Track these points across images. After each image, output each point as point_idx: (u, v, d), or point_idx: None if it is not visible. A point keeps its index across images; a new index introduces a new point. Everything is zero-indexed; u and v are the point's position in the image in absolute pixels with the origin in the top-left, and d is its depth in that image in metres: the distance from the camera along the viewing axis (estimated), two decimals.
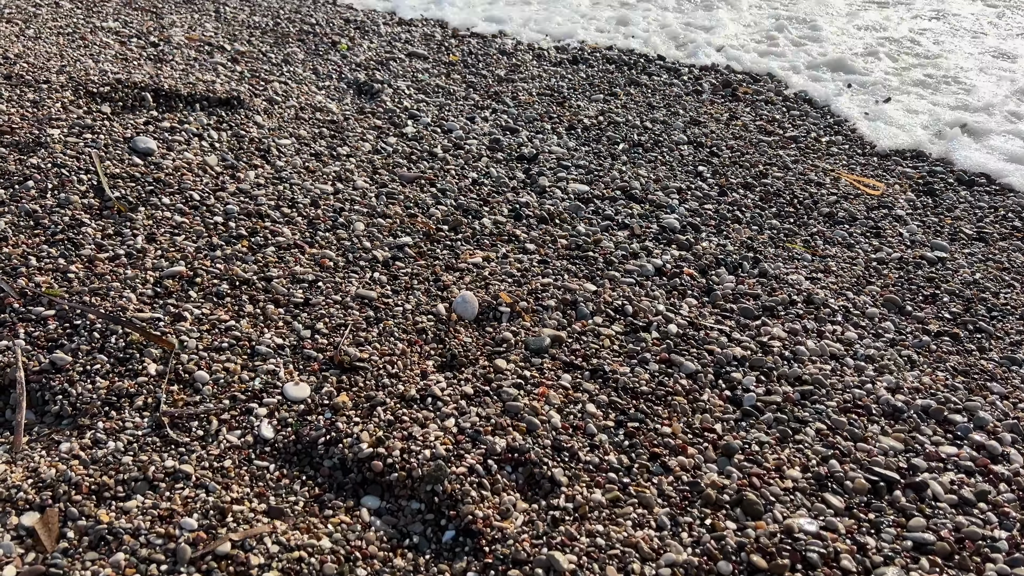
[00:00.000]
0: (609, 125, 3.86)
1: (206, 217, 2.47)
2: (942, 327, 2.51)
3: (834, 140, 3.95)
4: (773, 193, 3.30)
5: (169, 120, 3.04)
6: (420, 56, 4.61)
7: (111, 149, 2.73)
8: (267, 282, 2.23)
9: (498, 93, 4.15)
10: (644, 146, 3.66)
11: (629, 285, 2.50)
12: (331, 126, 3.38)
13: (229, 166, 2.81)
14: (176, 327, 1.99)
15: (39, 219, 2.32)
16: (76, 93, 3.11)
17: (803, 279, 2.69)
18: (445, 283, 2.36)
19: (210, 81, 3.54)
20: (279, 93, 3.61)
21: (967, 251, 3.04)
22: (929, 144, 3.92)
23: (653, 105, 4.19)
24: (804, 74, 4.83)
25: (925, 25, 5.94)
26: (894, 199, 3.37)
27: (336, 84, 3.95)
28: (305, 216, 2.60)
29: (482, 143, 3.48)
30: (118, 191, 2.51)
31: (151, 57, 3.82)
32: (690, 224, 2.96)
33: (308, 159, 3.02)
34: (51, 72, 3.25)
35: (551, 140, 3.62)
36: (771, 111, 4.26)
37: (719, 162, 3.56)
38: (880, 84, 4.68)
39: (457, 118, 3.73)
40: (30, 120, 2.83)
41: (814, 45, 5.35)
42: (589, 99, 4.21)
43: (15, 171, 2.51)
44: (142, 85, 3.25)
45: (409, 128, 3.51)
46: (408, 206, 2.80)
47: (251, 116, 3.25)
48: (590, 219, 2.93)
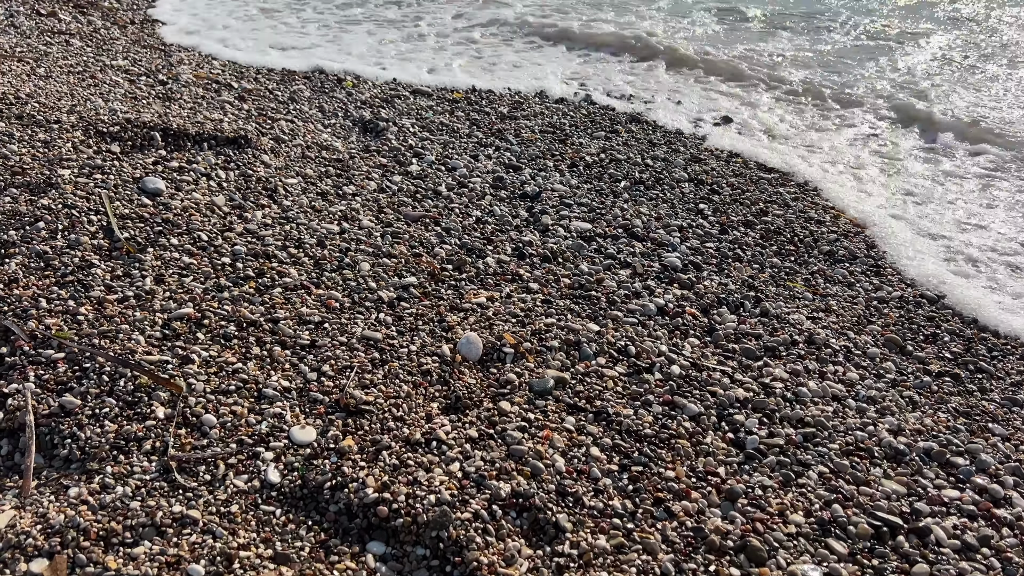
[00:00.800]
0: (611, 162, 3.91)
1: (214, 258, 2.50)
2: (943, 367, 2.53)
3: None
4: (774, 231, 3.34)
5: (177, 160, 3.09)
6: (424, 93, 4.67)
7: (120, 190, 2.77)
8: (274, 324, 2.25)
9: (501, 130, 4.20)
10: (645, 183, 3.70)
11: (632, 325, 2.53)
12: (337, 164, 3.43)
13: (236, 206, 2.85)
14: (184, 370, 2.01)
15: (49, 260, 2.35)
16: (86, 133, 3.16)
17: (804, 319, 2.71)
18: (450, 324, 2.39)
19: (218, 120, 3.60)
20: (285, 131, 3.66)
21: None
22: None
23: (654, 142, 4.24)
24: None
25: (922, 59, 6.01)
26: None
27: (342, 122, 4.01)
28: (312, 256, 2.63)
29: (486, 181, 3.52)
30: (127, 232, 2.54)
31: (160, 95, 3.88)
32: (692, 263, 2.99)
33: (314, 198, 3.06)
34: (62, 112, 3.31)
35: (553, 178, 3.66)
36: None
37: (720, 199, 3.60)
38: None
39: (461, 156, 3.77)
40: (41, 160, 2.87)
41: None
42: (591, 136, 4.27)
43: (26, 212, 2.55)
44: (151, 124, 3.30)
45: (414, 166, 3.56)
46: (413, 245, 2.84)
47: (258, 155, 3.30)
48: (593, 257, 2.96)
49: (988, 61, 6.12)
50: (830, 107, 5.09)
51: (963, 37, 6.88)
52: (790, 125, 4.73)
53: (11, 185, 2.70)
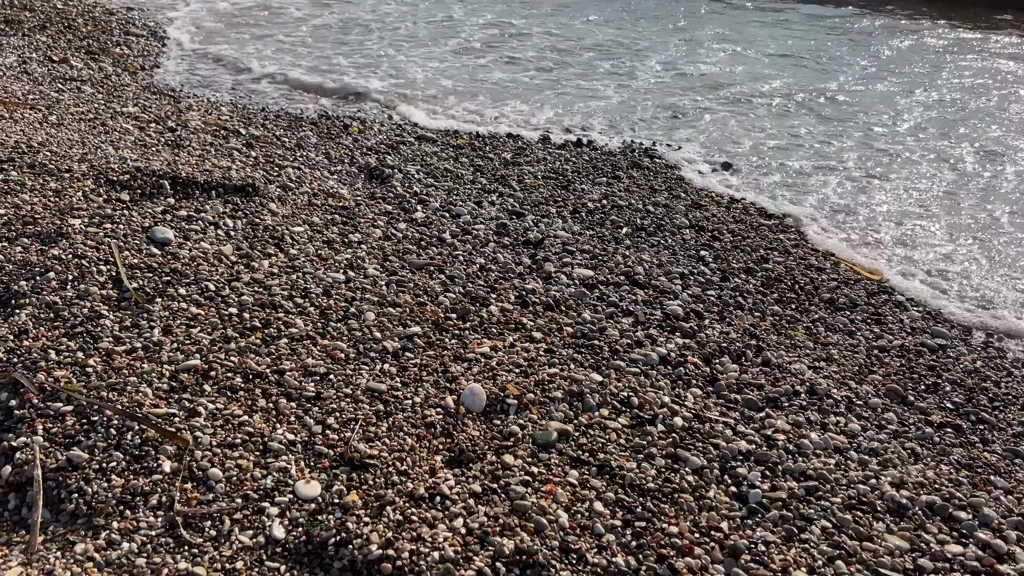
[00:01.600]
0: (612, 209, 3.96)
1: (221, 308, 2.53)
2: (944, 418, 2.54)
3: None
4: (774, 278, 3.37)
5: (186, 209, 3.13)
6: (429, 139, 4.75)
7: (130, 239, 2.81)
8: (280, 375, 2.28)
9: (505, 177, 4.26)
10: (647, 230, 3.74)
11: (634, 375, 2.55)
12: (343, 212, 3.48)
13: (244, 255, 2.89)
14: (191, 422, 2.03)
15: (59, 311, 2.38)
16: (97, 182, 3.22)
17: (806, 368, 2.73)
18: (453, 374, 2.41)
19: (226, 167, 3.66)
20: (293, 179, 3.72)
21: (967, 337, 3.08)
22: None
23: (655, 188, 4.30)
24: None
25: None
26: (893, 284, 3.44)
27: (348, 168, 4.07)
28: (317, 306, 2.66)
29: (489, 228, 3.57)
30: (136, 282, 2.58)
31: (169, 143, 3.95)
32: (693, 311, 3.02)
33: (320, 246, 3.10)
34: (73, 160, 3.37)
35: (556, 224, 3.71)
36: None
37: (720, 246, 3.64)
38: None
39: (465, 202, 3.83)
40: (52, 210, 2.92)
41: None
42: (593, 182, 4.32)
43: (37, 262, 2.59)
44: (160, 173, 3.36)
45: (419, 213, 3.61)
46: (417, 294, 2.87)
47: (265, 203, 3.35)
48: (595, 306, 2.99)
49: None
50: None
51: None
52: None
53: (23, 235, 2.74)
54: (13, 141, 3.44)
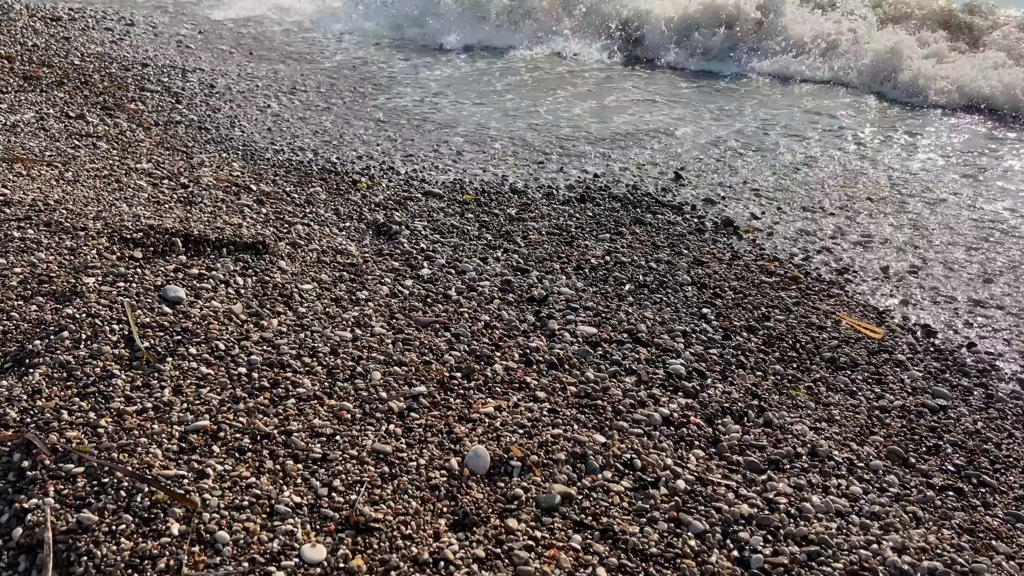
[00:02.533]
0: (615, 265, 4.02)
1: (230, 368, 2.58)
2: (946, 481, 2.56)
3: (834, 280, 4.10)
4: (776, 337, 3.41)
5: (198, 267, 3.20)
6: (436, 195, 4.84)
7: (142, 298, 2.87)
8: (287, 436, 2.31)
9: (509, 232, 4.33)
10: (649, 287, 3.80)
11: (637, 436, 2.57)
12: (351, 269, 3.54)
13: (253, 313, 2.94)
14: (199, 484, 2.06)
15: (72, 371, 2.43)
16: (111, 239, 3.29)
17: (807, 429, 2.75)
18: (458, 435, 2.44)
19: (237, 225, 3.74)
20: (302, 236, 3.80)
21: (968, 398, 3.11)
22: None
23: (657, 244, 4.36)
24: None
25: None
26: (895, 343, 3.47)
27: (356, 225, 4.15)
28: (325, 365, 2.70)
29: (494, 284, 3.62)
30: (148, 341, 2.63)
31: (181, 199, 4.04)
32: (696, 370, 3.05)
33: (329, 304, 3.16)
34: (88, 218, 3.45)
35: (560, 280, 3.76)
36: (773, 250, 4.42)
37: (722, 304, 3.69)
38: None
39: (471, 259, 3.89)
40: (67, 268, 2.99)
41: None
42: (596, 238, 4.39)
43: (51, 321, 2.64)
44: (173, 231, 3.44)
45: (425, 270, 3.67)
46: (423, 352, 2.91)
47: (275, 261, 3.41)
48: (598, 364, 3.02)
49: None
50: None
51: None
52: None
53: (38, 293, 2.81)
54: (31, 199, 3.53)
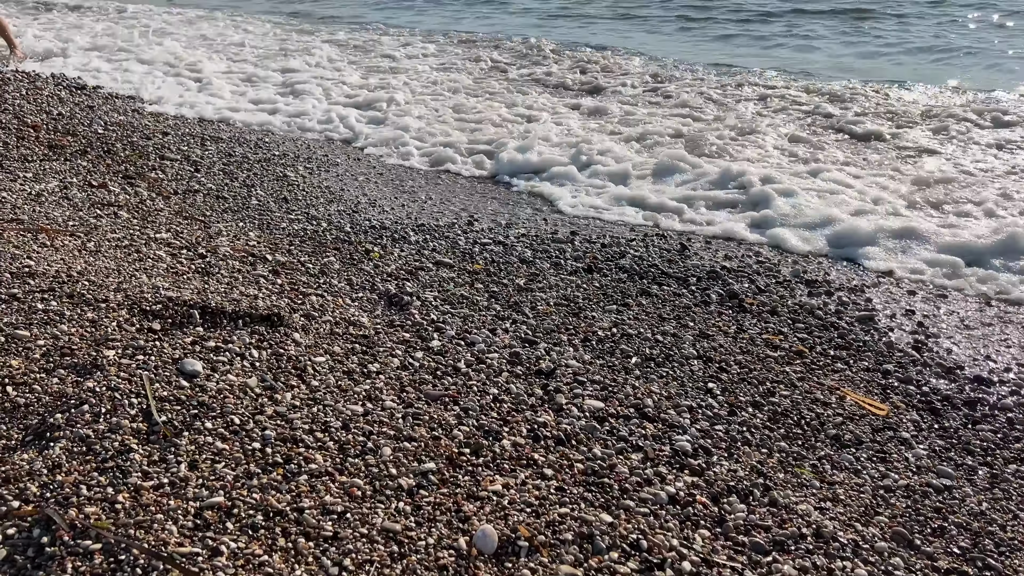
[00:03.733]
0: (622, 337, 4.09)
1: (245, 443, 2.64)
2: (952, 564, 2.57)
3: (838, 355, 4.15)
4: (781, 413, 3.45)
5: (214, 340, 3.28)
6: (446, 265, 4.95)
7: (160, 371, 2.95)
8: (299, 513, 2.36)
9: (518, 303, 4.42)
10: (656, 360, 3.86)
11: (644, 515, 2.60)
12: (363, 341, 3.62)
13: (268, 387, 3.01)
14: (213, 562, 2.10)
15: (91, 445, 2.49)
16: (131, 311, 3.39)
17: (812, 508, 2.78)
18: (466, 514, 2.48)
19: (252, 296, 3.84)
20: (316, 307, 3.89)
21: (972, 477, 3.13)
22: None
23: (663, 317, 4.44)
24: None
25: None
26: (899, 420, 3.51)
27: (368, 295, 4.25)
28: (337, 441, 2.76)
29: (503, 357, 3.69)
30: (165, 415, 2.70)
31: (199, 270, 4.15)
32: (701, 447, 3.09)
33: (341, 377, 3.23)
34: (109, 290, 3.55)
35: (567, 353, 3.83)
36: (778, 324, 4.49)
37: (728, 378, 3.74)
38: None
39: (480, 330, 3.97)
40: (88, 340, 3.08)
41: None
42: (603, 309, 4.47)
43: (72, 394, 2.72)
44: (191, 303, 3.53)
45: (435, 342, 3.74)
46: (432, 427, 2.96)
47: (290, 333, 3.50)
48: (605, 440, 3.07)
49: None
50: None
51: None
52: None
53: (60, 366, 2.89)
54: (54, 270, 3.64)
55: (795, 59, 13.86)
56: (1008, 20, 17.18)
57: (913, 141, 8.89)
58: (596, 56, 14.43)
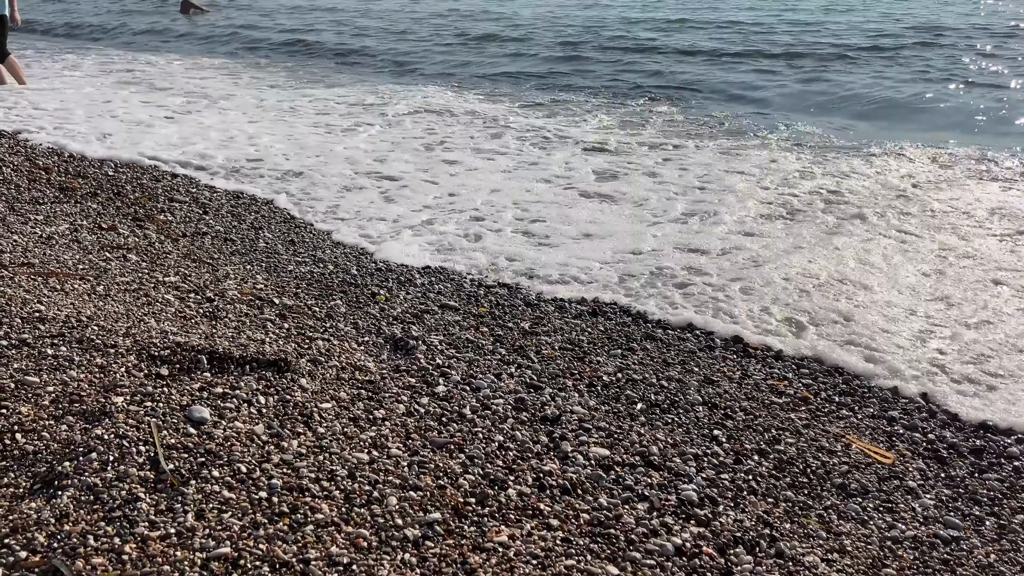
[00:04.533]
0: (627, 383, 4.10)
1: (252, 492, 2.64)
2: None
3: (843, 401, 4.15)
4: (786, 461, 3.45)
5: (222, 385, 3.30)
6: (452, 308, 4.98)
7: (168, 418, 2.96)
8: (305, 564, 2.35)
9: (523, 347, 4.44)
10: (661, 406, 3.86)
11: (650, 568, 2.59)
12: (369, 386, 3.64)
13: (274, 434, 3.03)
14: None
15: (99, 493, 2.50)
16: (139, 357, 3.42)
17: (819, 560, 2.76)
18: (472, 566, 2.47)
19: (260, 341, 3.87)
20: (322, 352, 3.91)
21: (980, 527, 3.11)
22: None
23: (668, 362, 4.45)
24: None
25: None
26: (905, 468, 3.50)
27: (374, 339, 4.27)
28: (343, 490, 2.76)
29: (508, 402, 3.70)
30: (172, 463, 2.71)
31: (207, 314, 4.19)
32: (708, 496, 3.09)
33: (347, 424, 3.24)
34: (118, 335, 3.58)
35: (573, 399, 3.84)
36: (783, 369, 4.49)
37: (733, 425, 3.74)
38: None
39: (485, 374, 3.98)
40: (97, 387, 3.10)
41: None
42: (608, 354, 4.48)
43: (80, 441, 2.73)
44: (198, 348, 3.56)
45: (440, 387, 3.76)
46: (438, 476, 2.97)
47: (296, 379, 3.52)
48: (611, 489, 3.07)
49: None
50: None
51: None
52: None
53: (69, 412, 2.91)
54: (64, 315, 3.68)
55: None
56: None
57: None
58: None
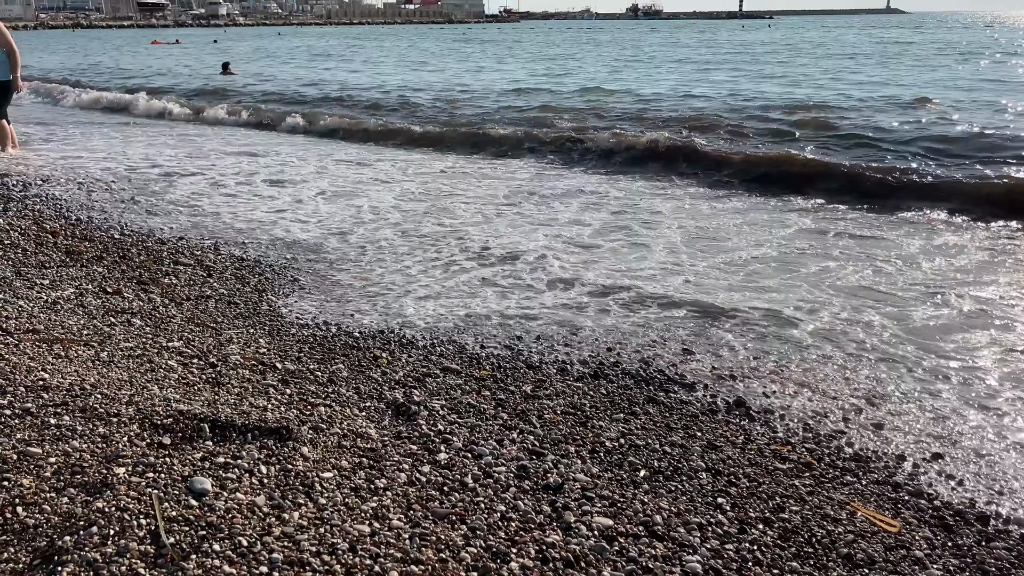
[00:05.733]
0: (630, 448, 4.08)
1: (252, 567, 2.62)
2: None
3: (847, 467, 4.12)
4: (791, 530, 3.41)
5: (224, 455, 3.30)
6: (453, 371, 4.98)
7: (169, 489, 2.95)
8: None
9: (525, 412, 4.43)
10: (664, 473, 3.84)
11: None
12: (370, 454, 3.63)
13: (276, 506, 3.01)
14: None
15: (99, 570, 2.48)
16: (142, 426, 3.42)
17: None
18: None
19: (262, 407, 3.87)
20: (324, 419, 3.91)
21: None
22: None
23: (671, 426, 4.44)
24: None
25: None
26: (911, 537, 3.46)
27: (376, 404, 4.27)
28: (344, 564, 2.74)
29: (510, 470, 3.68)
30: (173, 536, 2.69)
31: (209, 380, 4.20)
32: (712, 568, 3.05)
33: (348, 494, 3.22)
34: (121, 403, 3.59)
35: (575, 465, 3.82)
36: (786, 434, 4.48)
37: (737, 492, 3.71)
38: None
39: (487, 441, 3.97)
40: (99, 457, 3.10)
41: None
42: (610, 418, 4.47)
43: (81, 515, 2.72)
44: (201, 416, 3.56)
45: (442, 454, 3.75)
46: (440, 548, 2.94)
47: (298, 447, 3.51)
48: (615, 561, 3.03)
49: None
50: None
51: None
52: None
53: (70, 484, 2.90)
54: (68, 383, 3.69)
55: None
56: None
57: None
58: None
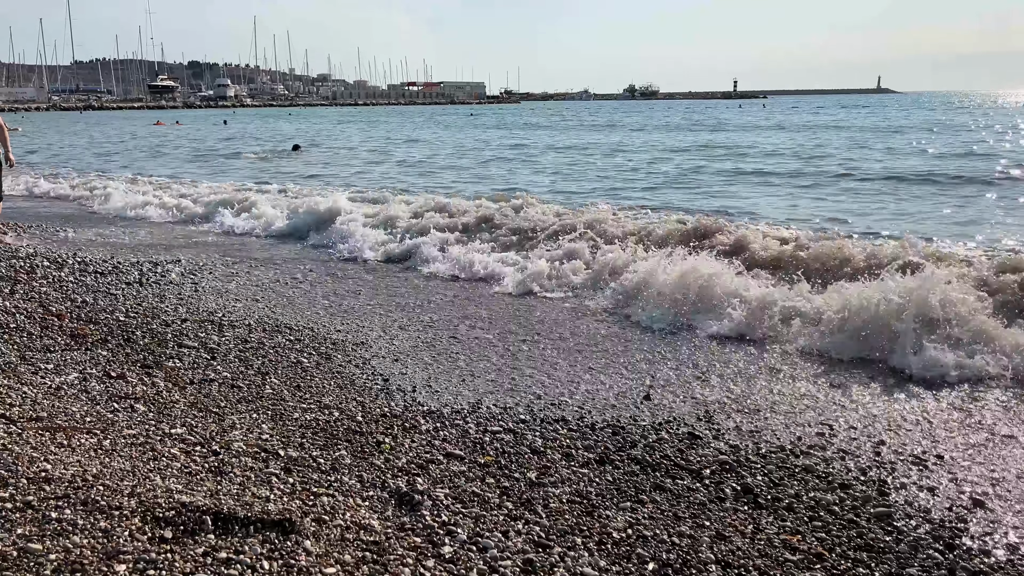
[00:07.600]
0: (638, 540, 4.01)
1: None
2: None
3: (858, 558, 4.05)
4: None
5: (225, 550, 3.25)
6: (457, 457, 4.94)
7: None
8: None
9: (530, 500, 4.37)
10: (673, 566, 3.76)
11: None
12: (374, 548, 3.57)
13: None
14: None
15: None
16: (144, 519, 3.37)
17: None
18: None
19: (264, 498, 3.82)
20: (327, 509, 3.86)
21: None
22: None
23: (679, 516, 4.37)
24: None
25: None
26: None
27: (379, 494, 4.22)
28: None
29: (516, 563, 3.61)
30: None
31: (212, 468, 4.16)
32: None
33: None
34: (123, 495, 3.55)
35: (583, 559, 3.75)
36: (795, 522, 4.41)
37: None
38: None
39: (492, 532, 3.91)
40: (99, 554, 3.05)
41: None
42: (617, 506, 4.41)
43: None
44: (203, 508, 3.52)
45: (447, 547, 3.68)
46: None
47: (300, 542, 3.45)
48: None
49: None
50: None
51: None
52: None
53: None
54: (70, 474, 3.66)
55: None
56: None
57: None
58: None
